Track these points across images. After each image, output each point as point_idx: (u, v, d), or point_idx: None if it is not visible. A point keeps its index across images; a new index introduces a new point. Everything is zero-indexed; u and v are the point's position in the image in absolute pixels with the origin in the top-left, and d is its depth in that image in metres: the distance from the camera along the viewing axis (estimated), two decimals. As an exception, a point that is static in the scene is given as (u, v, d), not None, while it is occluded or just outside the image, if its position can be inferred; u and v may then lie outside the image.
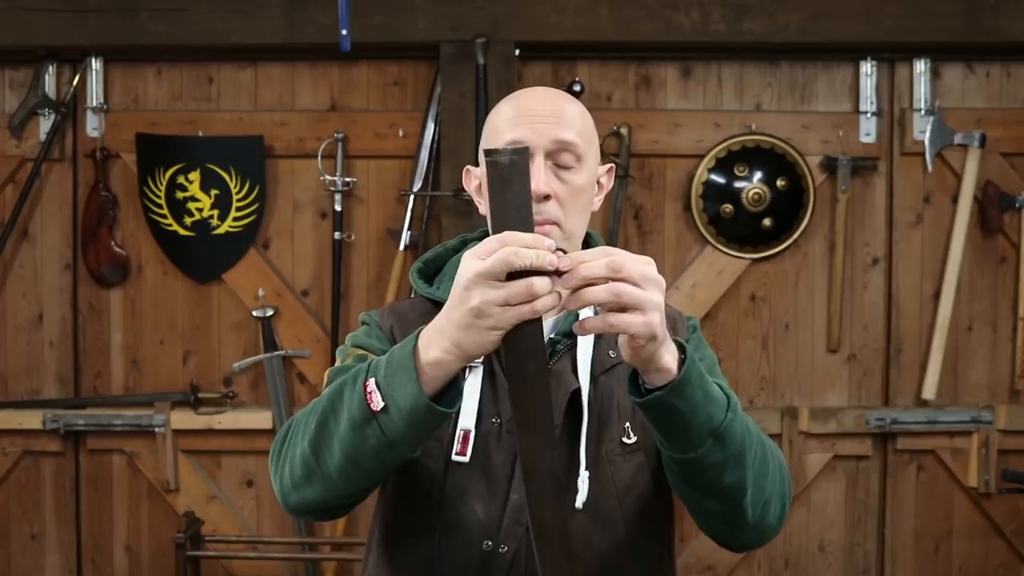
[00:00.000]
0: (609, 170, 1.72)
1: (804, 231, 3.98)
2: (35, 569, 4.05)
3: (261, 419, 3.94)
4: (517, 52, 3.82)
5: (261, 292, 3.97)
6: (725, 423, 1.41)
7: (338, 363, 1.65)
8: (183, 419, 3.94)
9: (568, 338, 1.63)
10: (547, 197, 1.58)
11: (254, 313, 3.96)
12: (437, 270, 1.77)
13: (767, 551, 4.03)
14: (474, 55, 3.72)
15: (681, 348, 1.37)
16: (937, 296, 3.99)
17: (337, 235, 3.93)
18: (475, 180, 1.73)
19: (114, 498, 4.04)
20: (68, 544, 4.05)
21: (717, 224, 3.97)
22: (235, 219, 3.95)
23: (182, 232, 3.95)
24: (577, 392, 1.58)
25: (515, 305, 1.26)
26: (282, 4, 3.78)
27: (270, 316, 3.96)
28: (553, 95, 1.67)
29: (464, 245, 1.78)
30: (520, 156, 1.24)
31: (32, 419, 3.93)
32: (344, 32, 3.53)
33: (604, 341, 1.64)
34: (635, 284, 1.27)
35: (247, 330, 4.01)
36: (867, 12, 3.79)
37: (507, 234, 1.26)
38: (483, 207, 1.68)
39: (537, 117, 1.60)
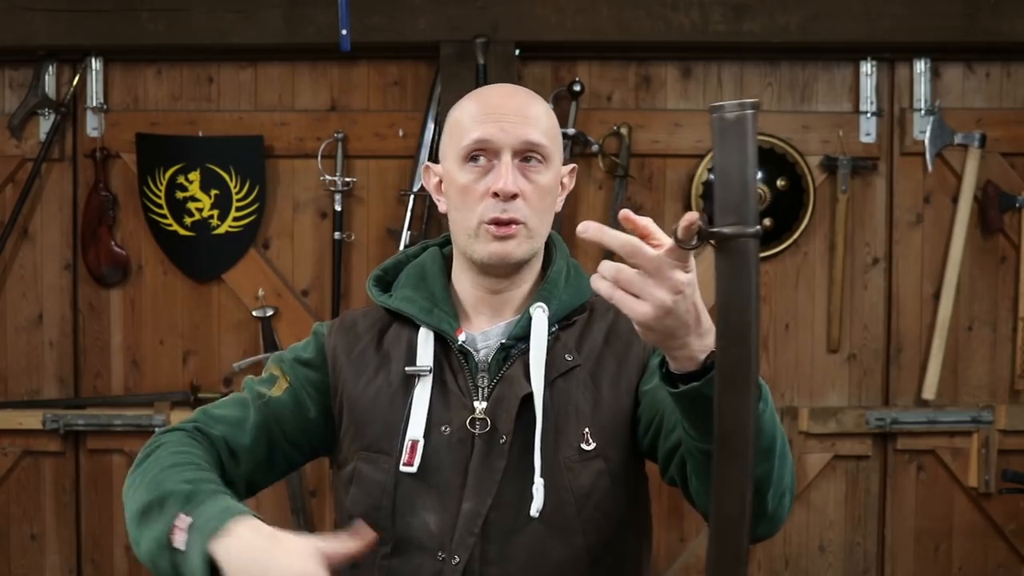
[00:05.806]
0: (571, 171, 1.69)
1: (804, 231, 3.98)
2: (35, 569, 4.05)
3: (261, 419, 3.94)
4: (517, 52, 3.82)
5: (261, 292, 3.97)
6: (758, 415, 1.32)
7: (263, 375, 1.65)
8: (183, 419, 3.93)
9: (522, 342, 1.59)
10: (515, 196, 1.56)
11: (254, 313, 3.96)
12: (397, 277, 1.72)
13: (767, 551, 4.03)
14: (474, 55, 3.71)
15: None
16: (937, 296, 3.99)
17: (337, 235, 3.93)
18: (435, 177, 1.68)
19: (114, 498, 4.03)
20: (68, 544, 4.05)
21: (717, 224, 3.97)
22: (235, 219, 3.95)
23: (182, 232, 3.95)
24: (529, 396, 1.54)
25: None
26: (282, 4, 3.78)
27: (270, 316, 3.96)
28: (519, 93, 1.64)
29: (424, 251, 1.73)
30: (751, 111, 1.13)
31: (32, 419, 3.93)
32: (344, 32, 3.53)
33: (561, 344, 1.60)
34: (646, 272, 1.20)
35: (247, 330, 4.01)
36: (867, 12, 3.79)
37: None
38: (442, 205, 1.66)
39: (504, 115, 1.58)
